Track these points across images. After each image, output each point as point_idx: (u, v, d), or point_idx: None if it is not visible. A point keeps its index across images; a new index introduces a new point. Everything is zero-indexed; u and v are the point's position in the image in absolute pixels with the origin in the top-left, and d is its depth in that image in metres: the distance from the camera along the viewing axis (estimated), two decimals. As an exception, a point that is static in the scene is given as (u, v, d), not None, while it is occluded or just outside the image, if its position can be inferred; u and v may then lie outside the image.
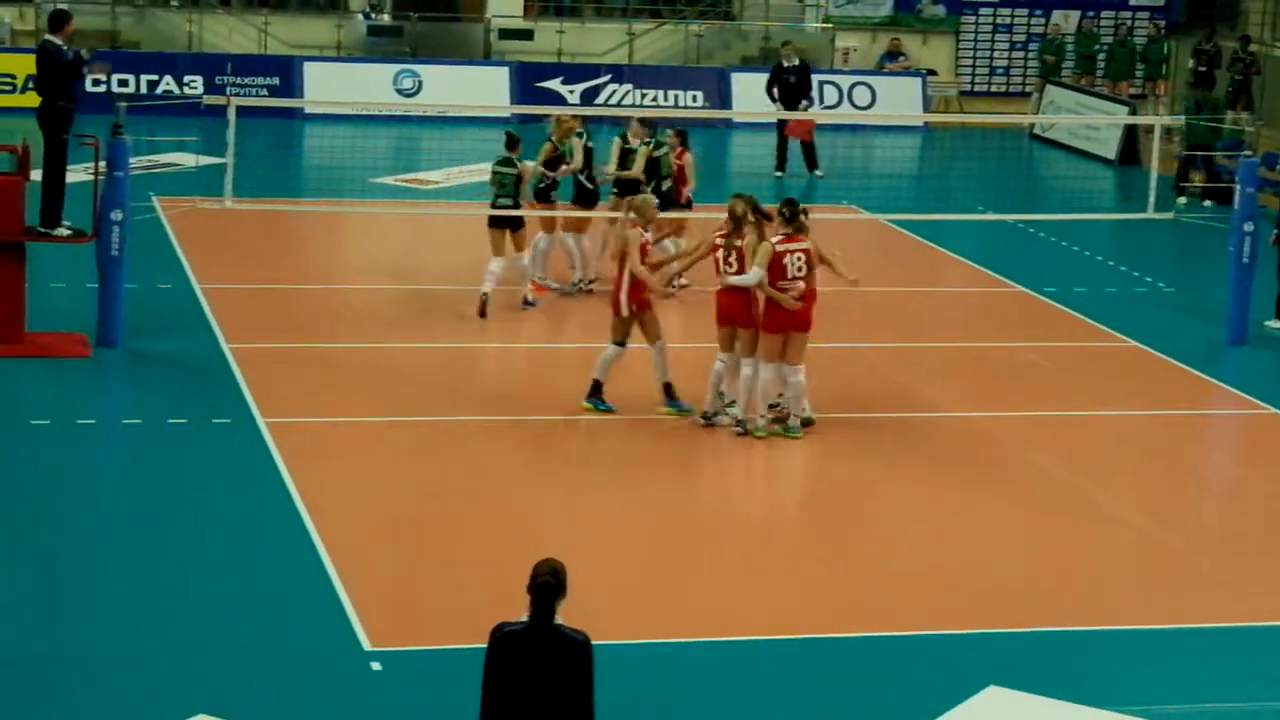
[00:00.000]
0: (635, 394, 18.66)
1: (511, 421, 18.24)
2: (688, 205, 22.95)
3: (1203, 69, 37.44)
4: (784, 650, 13.43)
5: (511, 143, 21.56)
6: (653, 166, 22.53)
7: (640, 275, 17.92)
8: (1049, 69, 38.69)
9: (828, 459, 17.84)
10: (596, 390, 18.36)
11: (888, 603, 14.36)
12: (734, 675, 13.02)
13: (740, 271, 17.64)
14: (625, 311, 18.10)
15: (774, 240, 17.63)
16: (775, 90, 32.17)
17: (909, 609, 14.26)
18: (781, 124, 31.72)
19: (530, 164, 21.85)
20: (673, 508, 16.44)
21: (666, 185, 22.53)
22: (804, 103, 32.04)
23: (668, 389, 18.36)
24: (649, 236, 18.36)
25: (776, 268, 17.53)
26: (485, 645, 9.22)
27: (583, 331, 21.31)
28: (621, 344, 18.23)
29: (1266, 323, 22.87)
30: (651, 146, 22.54)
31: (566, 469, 17.22)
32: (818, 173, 31.56)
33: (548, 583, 9.09)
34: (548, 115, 24.32)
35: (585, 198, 22.90)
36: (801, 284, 17.58)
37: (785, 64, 32.48)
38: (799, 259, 17.57)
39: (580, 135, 22.75)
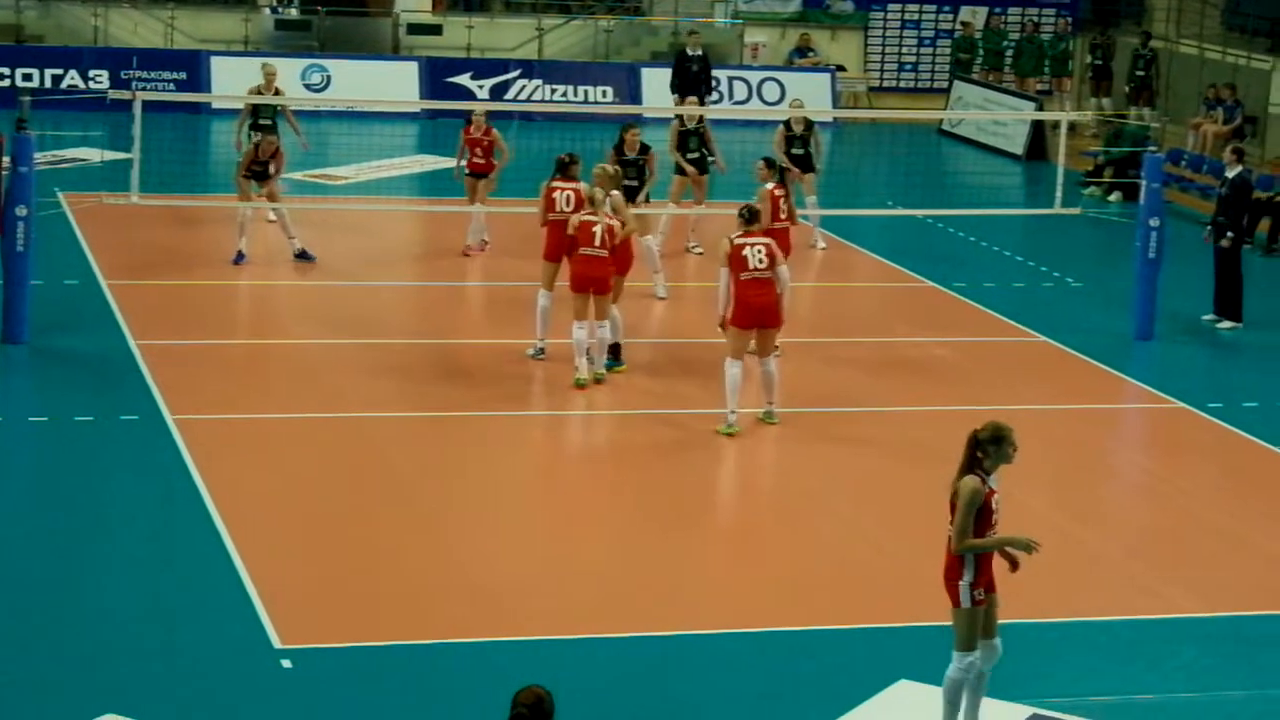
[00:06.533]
0: (561, 384, 18.60)
1: (425, 418, 18.17)
2: None
3: (1099, 62, 38.01)
4: (693, 646, 13.41)
5: None
6: None
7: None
8: (963, 66, 38.87)
9: (737, 454, 17.85)
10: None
11: (798, 597, 14.37)
12: (642, 671, 12.99)
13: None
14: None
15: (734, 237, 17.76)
16: (677, 80, 32.58)
17: (819, 603, 14.27)
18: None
19: None
20: (585, 503, 16.40)
21: None
22: (706, 93, 32.23)
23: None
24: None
25: (737, 260, 17.63)
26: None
27: (500, 328, 21.25)
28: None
29: (1204, 317, 23.11)
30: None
31: (481, 464, 17.15)
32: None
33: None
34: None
35: None
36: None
37: (689, 52, 32.73)
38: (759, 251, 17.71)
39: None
